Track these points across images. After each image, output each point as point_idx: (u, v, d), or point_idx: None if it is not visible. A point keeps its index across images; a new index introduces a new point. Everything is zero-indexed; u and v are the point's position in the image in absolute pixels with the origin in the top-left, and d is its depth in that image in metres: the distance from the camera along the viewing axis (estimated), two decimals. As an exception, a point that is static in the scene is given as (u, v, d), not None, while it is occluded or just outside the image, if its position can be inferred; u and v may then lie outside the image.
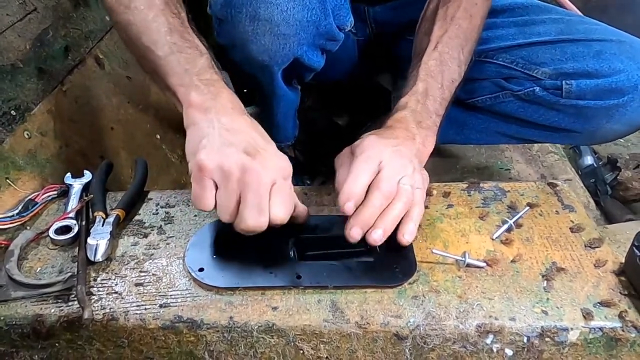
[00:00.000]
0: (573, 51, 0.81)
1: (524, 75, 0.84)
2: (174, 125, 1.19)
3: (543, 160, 1.19)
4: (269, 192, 0.53)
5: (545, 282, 0.55)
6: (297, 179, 1.19)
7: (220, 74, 0.62)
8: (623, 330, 0.50)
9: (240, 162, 0.52)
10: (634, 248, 0.52)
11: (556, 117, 0.84)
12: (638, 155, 1.35)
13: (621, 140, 1.41)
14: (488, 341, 0.51)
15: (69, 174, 0.70)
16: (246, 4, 0.66)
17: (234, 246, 0.58)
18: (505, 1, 0.92)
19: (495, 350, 0.51)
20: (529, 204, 0.65)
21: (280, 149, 0.59)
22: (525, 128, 0.90)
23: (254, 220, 0.52)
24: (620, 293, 0.53)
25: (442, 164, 1.22)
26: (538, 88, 0.83)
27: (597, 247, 0.59)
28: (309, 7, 0.67)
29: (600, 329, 0.50)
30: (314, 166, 1.20)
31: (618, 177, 1.20)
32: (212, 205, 0.53)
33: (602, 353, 0.51)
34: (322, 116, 1.30)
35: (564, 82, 0.80)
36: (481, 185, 0.70)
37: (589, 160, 1.18)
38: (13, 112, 0.73)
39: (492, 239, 0.60)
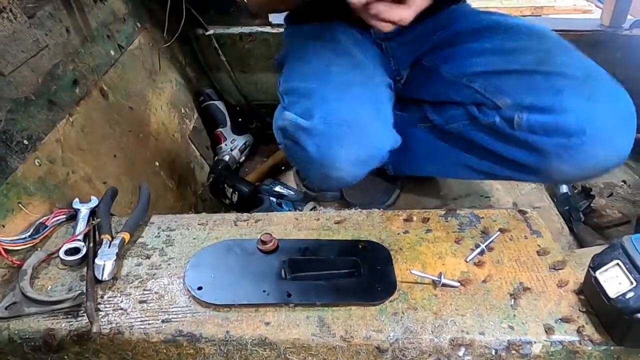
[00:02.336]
0: (538, 84, 0.82)
1: (491, 103, 0.86)
2: (172, 154, 1.25)
3: (521, 188, 1.26)
4: None
5: (513, 300, 0.61)
6: (289, 206, 1.25)
7: None
8: (580, 344, 0.56)
9: None
10: (590, 269, 0.58)
11: (515, 152, 0.85)
12: (612, 184, 1.42)
13: (596, 169, 1.49)
14: (460, 354, 0.56)
15: (77, 199, 0.75)
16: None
17: (230, 267, 0.64)
18: (496, 20, 0.95)
19: (466, 362, 0.56)
20: (500, 229, 0.71)
21: None
22: (493, 162, 0.91)
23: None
24: (579, 310, 0.59)
25: (427, 192, 1.28)
26: (499, 118, 0.85)
27: (561, 268, 0.65)
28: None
29: (561, 342, 0.56)
30: (306, 193, 1.27)
31: (592, 205, 1.27)
32: None
33: (563, 365, 0.57)
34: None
35: (517, 114, 0.83)
36: (458, 212, 0.76)
37: (564, 188, 1.24)
38: (25, 142, 0.79)
39: (466, 261, 0.66)
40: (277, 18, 1.46)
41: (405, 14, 0.66)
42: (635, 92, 1.38)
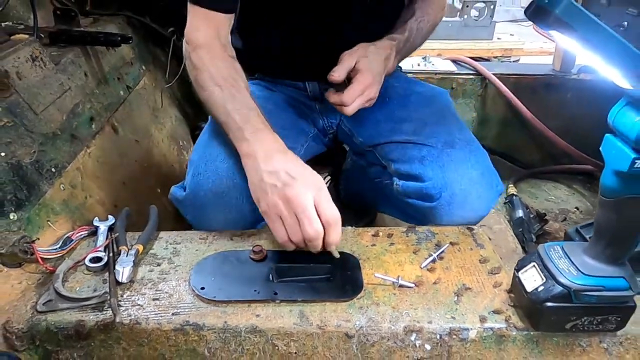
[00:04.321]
0: (410, 154, 0.95)
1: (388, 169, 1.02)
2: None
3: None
4: (312, 207, 0.71)
5: (456, 297, 0.75)
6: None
7: (266, 123, 0.83)
8: (507, 329, 0.70)
9: (282, 195, 0.73)
10: (515, 270, 0.73)
11: (410, 210, 0.97)
12: (566, 210, 1.60)
13: (552, 196, 1.66)
14: (412, 338, 0.70)
15: (96, 218, 0.89)
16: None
17: (227, 272, 0.78)
18: (393, 85, 1.08)
19: (417, 345, 0.70)
20: (451, 242, 0.86)
21: None
22: (407, 215, 1.02)
23: (311, 230, 0.71)
24: (508, 304, 0.74)
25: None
26: (396, 181, 0.98)
27: (497, 273, 0.80)
28: None
29: (492, 329, 0.70)
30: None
31: (545, 228, 1.43)
32: (287, 235, 0.74)
33: (494, 347, 0.71)
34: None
35: (395, 180, 0.97)
36: (417, 229, 0.91)
37: (519, 213, 1.41)
38: (53, 170, 0.93)
39: (421, 268, 0.81)
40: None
41: (344, 98, 0.89)
42: (585, 128, 1.58)
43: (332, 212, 0.74)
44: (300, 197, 0.72)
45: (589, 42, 0.48)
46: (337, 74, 0.90)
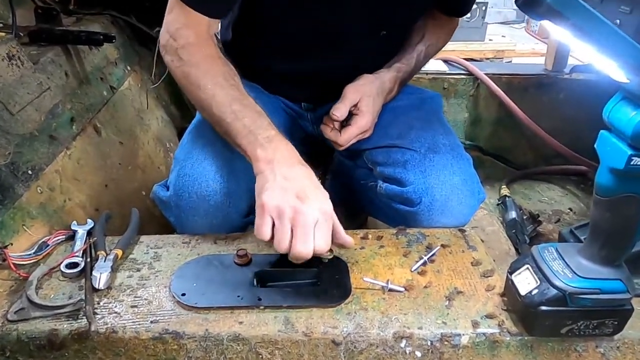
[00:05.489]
0: (394, 158, 0.94)
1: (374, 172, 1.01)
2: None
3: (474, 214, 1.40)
4: (313, 229, 0.68)
5: (448, 301, 0.72)
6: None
7: (276, 129, 0.79)
8: (500, 335, 0.67)
9: (292, 204, 0.69)
10: (508, 273, 0.71)
11: (393, 213, 0.95)
12: (559, 212, 1.58)
13: (545, 198, 1.65)
14: (402, 345, 0.67)
15: (74, 222, 0.85)
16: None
17: (210, 277, 0.74)
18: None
19: (408, 352, 0.67)
20: (442, 245, 0.84)
21: None
22: (391, 218, 1.00)
23: (302, 249, 0.68)
24: (502, 308, 0.71)
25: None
26: (380, 184, 0.97)
27: (490, 276, 0.77)
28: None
29: (484, 334, 0.67)
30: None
31: (539, 229, 1.41)
32: (269, 236, 0.70)
33: (487, 353, 0.68)
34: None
35: (379, 183, 0.96)
36: (407, 231, 0.88)
37: (512, 214, 1.39)
38: (29, 172, 0.89)
39: (411, 271, 0.78)
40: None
41: (340, 139, 0.90)
42: (578, 128, 1.57)
43: (323, 246, 0.71)
44: (309, 215, 0.69)
45: (582, 32, 0.46)
46: (339, 113, 0.90)
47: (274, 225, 0.70)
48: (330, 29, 0.94)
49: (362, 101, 0.92)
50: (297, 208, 0.69)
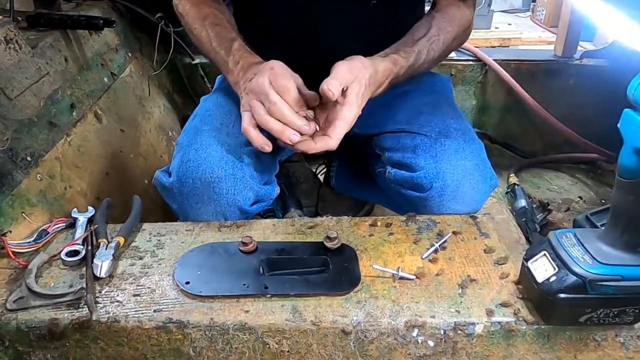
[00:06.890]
0: (403, 142, 0.91)
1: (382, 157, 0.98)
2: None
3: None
4: (270, 84, 0.74)
5: (461, 289, 0.70)
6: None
7: (246, 46, 0.88)
8: (516, 324, 0.65)
9: (252, 98, 0.77)
10: (524, 260, 0.68)
11: (401, 200, 0.93)
12: (569, 200, 1.55)
13: (554, 186, 1.62)
14: (414, 334, 0.65)
15: (75, 209, 0.83)
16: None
17: (214, 265, 0.72)
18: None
19: (420, 341, 0.65)
20: (453, 232, 0.81)
21: None
22: (399, 205, 0.99)
23: (273, 98, 0.73)
24: (517, 297, 0.68)
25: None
26: (389, 170, 0.94)
27: (504, 263, 0.75)
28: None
29: (499, 323, 0.65)
30: (286, 203, 1.35)
31: (549, 218, 1.38)
32: (254, 129, 0.77)
33: (502, 342, 0.65)
34: (299, 165, 1.46)
35: (388, 168, 0.93)
36: (417, 217, 0.85)
37: (522, 202, 1.36)
38: (29, 158, 0.87)
39: (422, 259, 0.76)
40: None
41: (331, 143, 0.76)
42: (586, 115, 1.53)
43: (285, 83, 0.75)
44: (258, 82, 0.75)
45: None
46: (335, 90, 0.74)
47: None
48: None
49: (352, 87, 0.76)
50: (250, 87, 0.77)
